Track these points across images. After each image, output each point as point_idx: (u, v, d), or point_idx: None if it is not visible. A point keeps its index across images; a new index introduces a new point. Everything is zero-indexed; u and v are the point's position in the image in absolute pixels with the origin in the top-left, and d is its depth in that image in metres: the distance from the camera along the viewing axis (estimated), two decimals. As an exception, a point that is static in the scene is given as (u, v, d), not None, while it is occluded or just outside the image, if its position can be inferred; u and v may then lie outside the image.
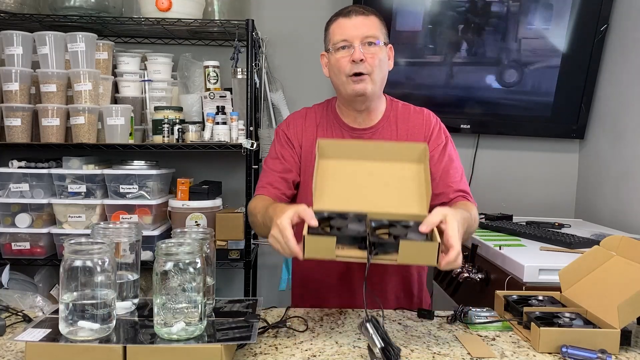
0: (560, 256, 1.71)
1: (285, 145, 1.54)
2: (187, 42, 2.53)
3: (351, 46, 1.41)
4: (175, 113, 2.23)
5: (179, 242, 1.08)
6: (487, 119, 2.57)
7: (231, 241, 2.19)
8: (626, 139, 2.31)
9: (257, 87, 2.40)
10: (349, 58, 1.41)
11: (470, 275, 1.85)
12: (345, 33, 1.41)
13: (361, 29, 1.41)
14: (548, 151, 2.68)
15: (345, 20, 1.43)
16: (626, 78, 2.34)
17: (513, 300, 1.31)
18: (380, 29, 1.45)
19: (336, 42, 1.43)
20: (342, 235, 1.10)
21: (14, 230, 2.11)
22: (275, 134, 1.59)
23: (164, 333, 1.01)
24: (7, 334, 1.18)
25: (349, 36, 1.41)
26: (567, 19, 2.46)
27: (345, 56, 1.41)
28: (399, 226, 1.15)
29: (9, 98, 2.10)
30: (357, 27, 1.41)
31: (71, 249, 1.02)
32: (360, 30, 1.40)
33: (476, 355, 1.09)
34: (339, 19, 1.44)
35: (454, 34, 2.49)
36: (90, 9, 2.18)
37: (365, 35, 1.40)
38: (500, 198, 2.67)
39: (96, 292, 1.02)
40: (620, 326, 1.10)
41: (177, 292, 1.02)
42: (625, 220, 2.26)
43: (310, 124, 1.56)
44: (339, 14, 1.45)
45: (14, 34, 2.06)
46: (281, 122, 1.62)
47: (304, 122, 1.56)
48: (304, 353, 1.09)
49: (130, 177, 2.12)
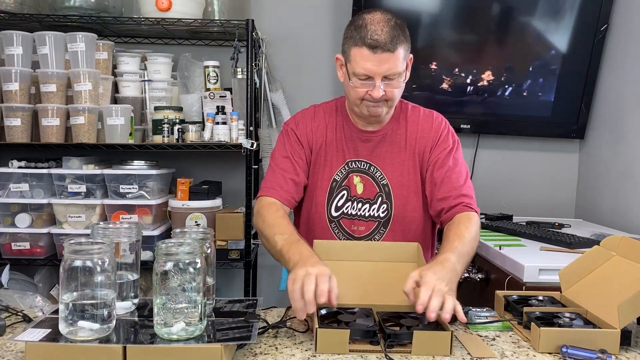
0: (560, 256, 1.71)
1: (295, 145, 1.52)
2: (187, 42, 2.53)
3: (372, 80, 1.36)
4: (175, 113, 2.23)
5: (179, 242, 1.08)
6: (487, 119, 2.57)
7: (231, 241, 2.19)
8: (626, 139, 2.31)
9: (257, 87, 2.40)
10: (368, 90, 1.38)
11: (470, 275, 1.85)
12: (367, 68, 1.35)
13: (384, 66, 1.34)
14: (548, 151, 2.68)
15: (369, 54, 1.33)
16: (626, 78, 2.34)
17: (513, 300, 1.31)
18: (405, 56, 1.38)
19: (357, 73, 1.37)
20: (354, 329, 1.10)
21: (14, 230, 2.11)
22: (283, 130, 1.57)
23: (164, 333, 1.01)
24: (7, 334, 1.18)
25: (371, 72, 1.35)
26: (567, 19, 2.46)
27: (365, 87, 1.38)
28: (408, 318, 1.16)
29: (9, 98, 2.10)
30: (381, 64, 1.34)
31: (71, 249, 1.02)
32: (384, 68, 1.34)
33: (476, 355, 1.09)
34: (363, 49, 1.34)
35: (454, 33, 2.49)
36: (90, 9, 2.18)
37: (388, 74, 1.36)
38: (500, 198, 2.67)
39: (96, 292, 1.02)
40: (620, 326, 1.10)
41: (177, 292, 1.02)
42: (625, 220, 2.26)
43: (319, 124, 1.54)
44: (365, 41, 1.33)
45: (14, 34, 2.06)
46: (289, 119, 1.60)
47: (312, 122, 1.55)
48: (304, 353, 1.09)
49: (130, 177, 2.12)
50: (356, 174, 1.51)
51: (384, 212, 1.49)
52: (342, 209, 1.51)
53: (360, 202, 1.50)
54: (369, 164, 1.51)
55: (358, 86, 1.38)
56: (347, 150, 1.52)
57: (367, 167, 1.51)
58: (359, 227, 1.51)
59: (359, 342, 1.09)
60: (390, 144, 1.51)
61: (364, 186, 1.51)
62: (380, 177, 1.50)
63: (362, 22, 1.36)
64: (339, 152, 1.52)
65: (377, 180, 1.50)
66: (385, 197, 1.49)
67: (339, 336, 1.07)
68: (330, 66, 2.46)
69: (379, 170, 1.50)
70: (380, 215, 1.50)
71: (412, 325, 1.13)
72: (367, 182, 1.50)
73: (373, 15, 1.37)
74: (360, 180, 1.51)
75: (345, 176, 1.52)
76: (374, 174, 1.50)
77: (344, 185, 1.51)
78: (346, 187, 1.51)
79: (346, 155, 1.52)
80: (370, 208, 1.50)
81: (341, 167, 1.52)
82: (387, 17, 1.36)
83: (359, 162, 1.51)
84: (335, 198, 1.51)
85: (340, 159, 1.52)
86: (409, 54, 1.41)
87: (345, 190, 1.51)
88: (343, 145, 1.53)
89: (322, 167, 1.53)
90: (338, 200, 1.51)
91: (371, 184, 1.50)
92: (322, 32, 2.54)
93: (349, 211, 1.51)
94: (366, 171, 1.51)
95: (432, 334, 1.08)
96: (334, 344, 1.07)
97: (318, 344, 1.07)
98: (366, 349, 1.08)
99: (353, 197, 1.51)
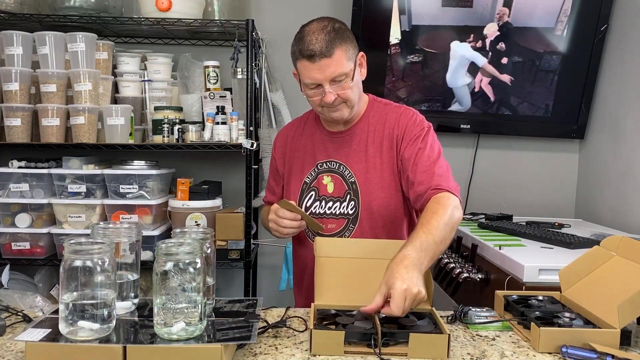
0: (560, 256, 1.71)
1: (277, 159, 1.68)
2: (187, 42, 2.53)
3: (321, 87, 1.42)
4: (175, 113, 2.23)
5: (179, 242, 1.08)
6: (487, 119, 2.57)
7: (231, 241, 2.19)
8: (626, 139, 2.31)
9: (257, 87, 2.40)
10: (321, 97, 1.43)
11: (470, 275, 1.85)
12: (312, 77, 1.41)
13: (327, 71, 1.39)
14: (548, 151, 2.68)
15: (309, 64, 1.39)
16: (626, 78, 2.34)
17: (513, 300, 1.31)
18: (348, 57, 1.41)
19: (307, 83, 1.43)
20: (350, 331, 1.09)
21: (14, 230, 2.11)
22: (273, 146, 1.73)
23: (164, 333, 1.01)
24: (7, 334, 1.18)
25: (317, 80, 1.41)
26: (567, 19, 2.46)
27: (318, 95, 1.44)
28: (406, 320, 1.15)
29: (9, 98, 2.10)
30: (323, 69, 1.39)
31: (71, 249, 1.02)
32: (327, 73, 1.39)
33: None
34: (303, 61, 1.40)
35: (454, 32, 2.49)
36: (90, 9, 2.18)
37: (333, 77, 1.40)
38: (500, 198, 2.67)
39: (96, 292, 1.02)
40: (620, 326, 1.10)
41: (177, 292, 1.02)
42: (626, 220, 2.26)
43: (295, 133, 1.66)
44: (303, 54, 1.40)
45: (14, 34, 2.06)
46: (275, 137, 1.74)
47: (287, 132, 1.69)
48: (304, 353, 1.09)
49: (130, 177, 2.12)
50: (327, 174, 1.56)
51: (352, 209, 1.52)
52: (310, 209, 1.55)
53: (331, 200, 1.54)
54: (339, 163, 1.55)
55: (311, 95, 1.45)
56: (317, 153, 1.58)
57: (337, 166, 1.55)
58: (328, 225, 1.54)
59: (355, 345, 1.09)
60: (357, 141, 1.55)
61: (334, 185, 1.55)
62: (348, 175, 1.53)
63: (300, 35, 1.43)
64: (310, 156, 1.59)
65: (345, 179, 1.54)
66: (353, 194, 1.52)
67: (334, 338, 1.07)
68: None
69: (347, 169, 1.54)
70: (349, 212, 1.53)
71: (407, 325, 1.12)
72: (337, 181, 1.54)
73: (310, 26, 1.43)
74: (331, 179, 1.55)
75: (314, 178, 1.57)
76: (343, 172, 1.54)
77: (312, 186, 1.57)
78: (314, 188, 1.56)
79: (317, 157, 1.58)
80: (341, 206, 1.53)
81: (311, 169, 1.58)
82: (323, 25, 1.41)
83: (330, 162, 1.56)
84: (304, 199, 1.57)
85: (311, 162, 1.58)
86: (354, 53, 1.44)
87: (314, 191, 1.56)
88: (314, 148, 1.59)
89: (295, 173, 1.61)
90: (307, 201, 1.56)
91: (340, 182, 1.54)
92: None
93: (317, 210, 1.55)
94: (336, 170, 1.55)
95: (429, 337, 1.07)
96: (329, 345, 1.07)
97: (313, 344, 1.07)
98: (362, 350, 1.08)
99: (322, 197, 1.55)
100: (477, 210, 2.51)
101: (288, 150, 1.65)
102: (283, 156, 1.66)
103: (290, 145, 1.65)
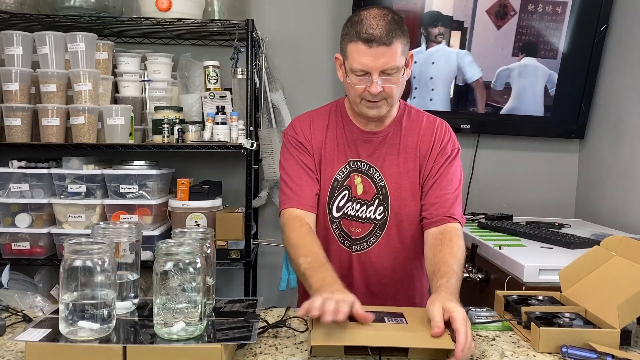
0: (560, 256, 1.71)
1: (303, 152, 1.50)
2: (187, 42, 2.53)
3: (369, 75, 1.33)
4: (175, 113, 2.23)
5: (179, 242, 1.08)
6: (487, 119, 2.57)
7: (231, 241, 2.19)
8: (626, 139, 2.31)
9: (257, 87, 2.40)
10: (366, 87, 1.35)
11: (470, 275, 1.85)
12: (363, 63, 1.32)
13: (381, 59, 1.31)
14: (548, 151, 2.68)
15: (365, 48, 1.31)
16: (626, 78, 2.34)
17: (513, 300, 1.31)
18: (403, 51, 1.34)
19: (354, 69, 1.34)
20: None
21: (14, 230, 2.11)
22: (285, 141, 1.54)
23: (164, 333, 1.01)
24: (7, 334, 1.18)
25: (367, 67, 1.32)
26: (567, 18, 2.46)
27: (363, 84, 1.36)
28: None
29: (9, 98, 2.10)
30: (378, 58, 1.31)
31: (71, 249, 1.02)
32: (380, 62, 1.31)
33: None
34: (359, 44, 1.31)
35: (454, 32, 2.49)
36: (90, 9, 2.18)
37: (385, 68, 1.32)
38: (500, 198, 2.67)
39: (96, 292, 1.02)
40: (620, 326, 1.10)
41: (177, 292, 1.02)
42: (626, 220, 2.26)
43: (318, 126, 1.52)
44: (360, 36, 1.31)
45: (14, 34, 2.06)
46: (286, 128, 1.56)
47: (310, 125, 1.52)
48: (304, 353, 1.09)
49: (130, 177, 2.12)
50: (357, 174, 1.48)
51: (380, 214, 1.47)
52: (343, 210, 1.48)
53: (358, 203, 1.48)
54: (369, 164, 1.48)
55: (356, 83, 1.36)
56: (348, 150, 1.49)
57: (367, 167, 1.48)
58: (356, 229, 1.48)
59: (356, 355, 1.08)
60: (390, 146, 1.48)
61: (363, 187, 1.48)
62: (378, 178, 1.47)
63: (358, 18, 1.35)
64: (340, 151, 1.50)
65: (375, 182, 1.47)
66: (382, 199, 1.47)
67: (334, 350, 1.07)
68: (330, 66, 2.46)
69: (377, 172, 1.47)
70: (376, 218, 1.47)
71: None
72: (366, 183, 1.48)
73: (369, 11, 1.35)
74: (360, 180, 1.48)
75: (347, 175, 1.48)
76: (372, 175, 1.48)
77: (345, 185, 1.48)
78: (348, 187, 1.48)
79: (348, 155, 1.49)
80: (367, 210, 1.47)
81: (343, 166, 1.49)
82: (384, 12, 1.34)
83: (360, 162, 1.49)
84: (336, 198, 1.48)
85: (342, 157, 1.49)
86: (407, 49, 1.38)
87: (347, 190, 1.48)
88: (344, 144, 1.50)
89: (323, 167, 1.50)
90: (340, 200, 1.48)
91: (370, 185, 1.47)
92: (322, 32, 2.54)
93: (349, 212, 1.48)
94: (366, 172, 1.48)
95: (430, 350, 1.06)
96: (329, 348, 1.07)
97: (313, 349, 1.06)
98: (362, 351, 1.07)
99: (353, 198, 1.48)
100: (477, 210, 2.51)
101: (314, 142, 1.50)
102: (311, 148, 1.50)
103: (315, 136, 1.50)
